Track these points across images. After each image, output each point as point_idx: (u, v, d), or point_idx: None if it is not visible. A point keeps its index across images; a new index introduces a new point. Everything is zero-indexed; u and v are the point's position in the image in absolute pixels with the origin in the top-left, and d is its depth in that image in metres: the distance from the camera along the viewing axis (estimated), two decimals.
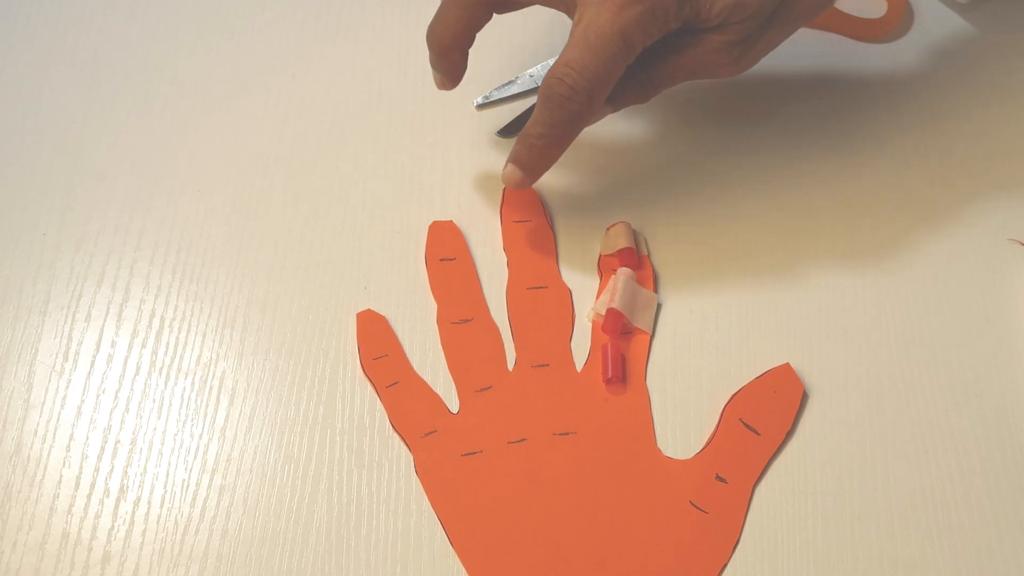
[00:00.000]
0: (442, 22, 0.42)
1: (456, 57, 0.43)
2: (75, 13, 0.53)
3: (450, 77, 0.43)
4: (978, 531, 0.38)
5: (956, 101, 0.49)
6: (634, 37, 0.38)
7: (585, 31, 0.38)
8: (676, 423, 0.41)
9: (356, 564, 0.38)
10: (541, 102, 0.39)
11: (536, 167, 0.41)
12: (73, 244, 0.46)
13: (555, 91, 0.39)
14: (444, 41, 0.42)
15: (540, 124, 0.40)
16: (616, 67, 0.39)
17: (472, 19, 0.41)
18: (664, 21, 0.38)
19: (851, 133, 0.48)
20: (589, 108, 0.39)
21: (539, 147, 0.40)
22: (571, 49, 0.38)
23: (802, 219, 0.46)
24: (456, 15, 0.41)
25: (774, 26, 0.40)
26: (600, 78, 0.38)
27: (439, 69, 0.43)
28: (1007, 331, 0.43)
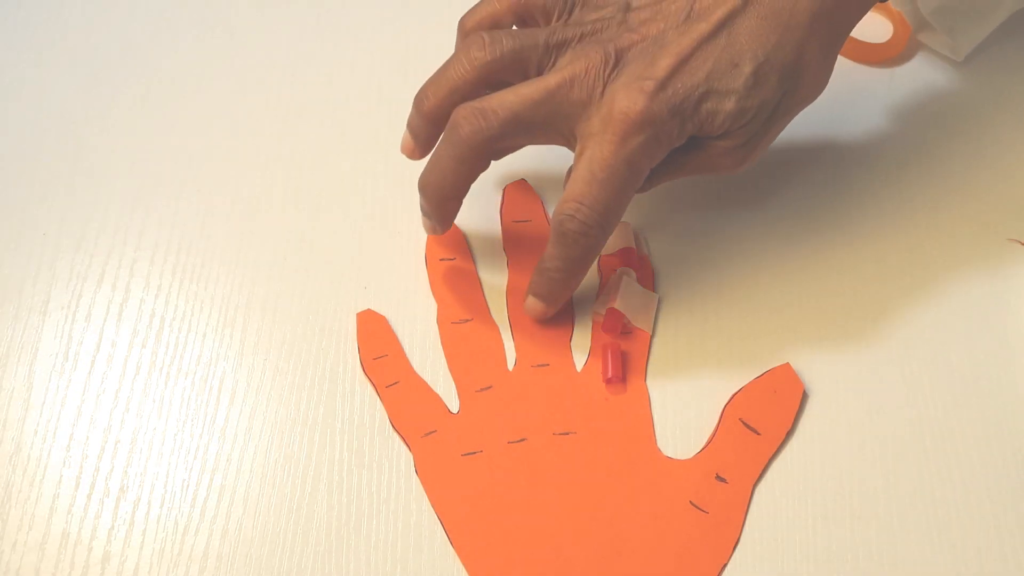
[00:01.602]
0: (437, 174, 0.40)
1: (453, 206, 0.41)
2: (75, 13, 0.53)
3: (443, 225, 0.42)
4: (978, 531, 0.38)
5: (955, 103, 0.49)
6: (640, 164, 0.38)
7: (590, 164, 0.38)
8: (676, 423, 0.41)
9: (356, 564, 0.38)
10: (554, 238, 0.39)
11: (557, 298, 0.42)
12: (73, 244, 0.46)
13: (567, 228, 0.39)
14: (442, 192, 0.40)
15: (556, 259, 0.40)
16: (625, 196, 0.39)
17: (470, 172, 0.40)
18: (668, 144, 0.38)
19: (851, 134, 0.48)
20: (603, 239, 0.39)
21: (558, 280, 0.41)
22: (578, 184, 0.38)
23: (802, 219, 0.46)
24: (454, 168, 0.40)
25: (775, 121, 0.40)
26: (611, 209, 0.38)
27: (433, 218, 0.42)
28: (1007, 331, 0.43)
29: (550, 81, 0.38)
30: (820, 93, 0.41)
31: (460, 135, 0.39)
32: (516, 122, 0.38)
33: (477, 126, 0.38)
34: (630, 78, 0.38)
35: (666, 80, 0.37)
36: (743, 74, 0.38)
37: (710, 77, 0.38)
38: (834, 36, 0.40)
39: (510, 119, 0.38)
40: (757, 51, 0.38)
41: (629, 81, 0.38)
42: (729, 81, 0.38)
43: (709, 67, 0.38)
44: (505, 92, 0.39)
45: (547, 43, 0.40)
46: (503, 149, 0.40)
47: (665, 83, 0.37)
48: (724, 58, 0.38)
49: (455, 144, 0.39)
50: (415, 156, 0.42)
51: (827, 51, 0.40)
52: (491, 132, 0.38)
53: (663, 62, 0.38)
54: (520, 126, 0.39)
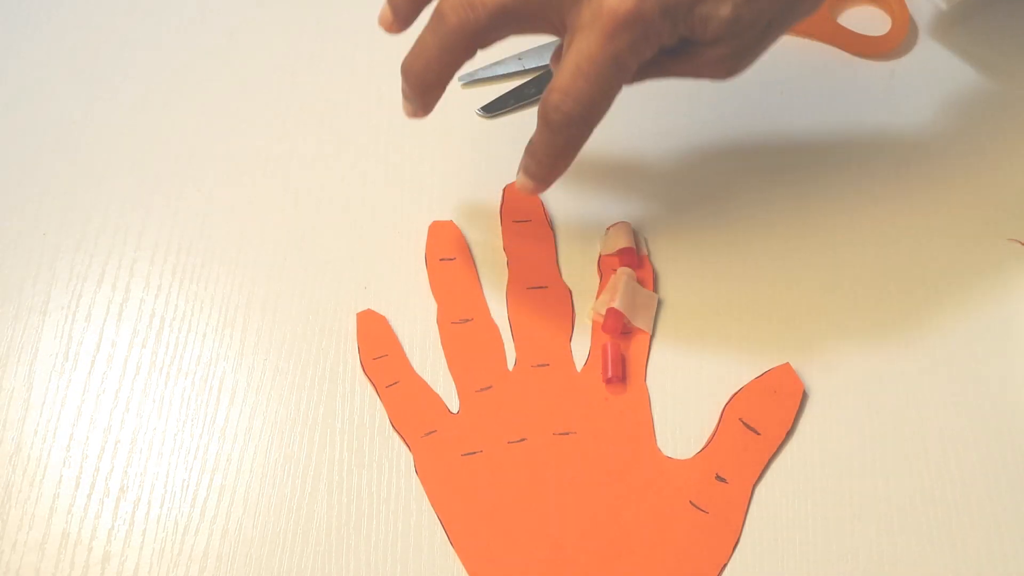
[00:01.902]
0: (422, 59, 0.39)
1: (436, 93, 0.41)
2: (75, 13, 0.53)
3: (425, 109, 0.41)
4: (978, 531, 0.38)
5: (955, 104, 0.49)
6: (627, 61, 0.37)
7: (577, 57, 0.37)
8: (676, 423, 0.41)
9: (356, 564, 0.38)
10: (541, 125, 0.39)
11: (546, 178, 0.41)
12: (73, 244, 0.46)
13: (552, 118, 0.38)
14: (426, 79, 0.40)
15: (543, 145, 0.40)
16: (611, 91, 0.38)
17: (455, 59, 0.39)
18: (657, 43, 0.38)
19: (851, 136, 0.48)
20: (587, 130, 0.39)
21: (547, 163, 0.40)
22: (564, 75, 0.37)
23: (802, 219, 0.46)
24: (438, 57, 0.39)
25: (769, 34, 0.40)
26: (595, 103, 0.38)
27: (414, 102, 0.41)
28: (1007, 331, 0.43)
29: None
30: (817, 10, 0.40)
31: (447, 25, 0.38)
32: (505, 12, 0.38)
33: (464, 17, 0.37)
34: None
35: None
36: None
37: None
38: None
39: (498, 10, 0.37)
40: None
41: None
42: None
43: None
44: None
45: None
46: (491, 39, 0.39)
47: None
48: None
49: (442, 34, 0.38)
50: (392, 30, 0.41)
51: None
52: (479, 24, 0.37)
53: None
54: (509, 16, 0.38)
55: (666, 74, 0.41)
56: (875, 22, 0.51)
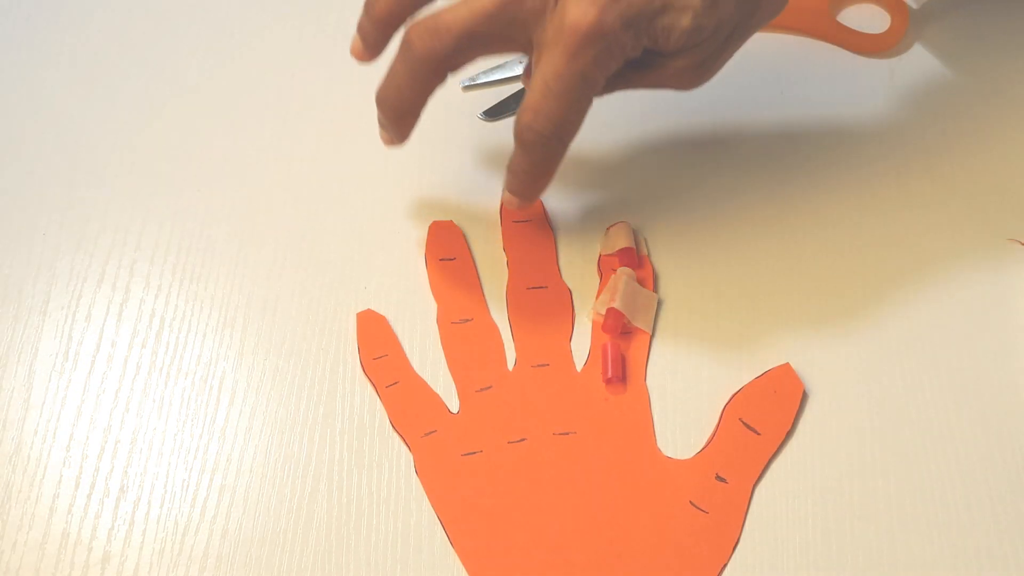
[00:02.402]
0: (394, 89, 0.40)
1: (411, 121, 0.41)
2: (75, 13, 0.53)
3: (400, 137, 0.42)
4: (978, 531, 0.38)
5: (956, 104, 0.49)
6: (594, 76, 0.38)
7: (544, 76, 0.38)
8: (676, 423, 0.41)
9: (356, 564, 0.38)
10: (517, 144, 0.40)
11: (529, 195, 0.42)
12: (73, 244, 0.46)
13: (526, 138, 0.39)
14: (399, 108, 0.40)
15: (521, 163, 0.40)
16: (581, 107, 0.39)
17: (426, 87, 0.40)
18: (621, 55, 0.38)
19: (851, 134, 0.48)
20: (562, 147, 0.39)
21: (527, 180, 0.41)
22: (534, 95, 0.38)
23: (802, 219, 0.46)
24: (410, 86, 0.40)
25: (732, 42, 0.40)
26: (566, 120, 0.38)
27: (390, 131, 0.42)
28: (1007, 331, 0.43)
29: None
30: (778, 13, 0.41)
31: (414, 54, 0.38)
32: (470, 37, 0.38)
33: (431, 45, 0.38)
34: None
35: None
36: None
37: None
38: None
39: (464, 35, 0.38)
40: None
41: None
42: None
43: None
44: (458, 5, 0.38)
45: None
46: (459, 64, 0.39)
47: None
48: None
49: (410, 63, 0.39)
50: (364, 59, 0.42)
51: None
52: (445, 51, 0.38)
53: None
54: (474, 40, 0.38)
55: (634, 86, 0.41)
56: (874, 20, 0.51)
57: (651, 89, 0.41)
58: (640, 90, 0.41)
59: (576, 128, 0.39)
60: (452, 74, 0.39)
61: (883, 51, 0.51)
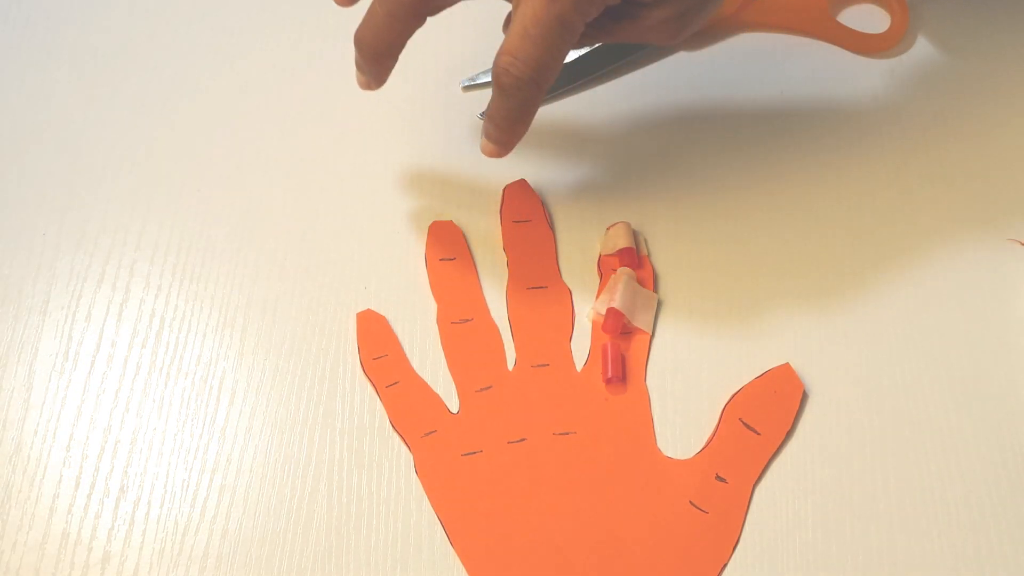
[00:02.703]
0: (372, 29, 0.40)
1: (388, 63, 0.41)
2: (75, 13, 0.53)
3: (378, 80, 0.42)
4: (978, 531, 0.38)
5: (956, 103, 0.49)
6: (572, 21, 0.37)
7: (523, 19, 0.37)
8: (676, 423, 0.41)
9: (356, 564, 0.38)
10: (495, 89, 0.39)
11: (506, 141, 0.41)
12: (73, 244, 0.46)
13: (503, 81, 0.38)
14: (376, 48, 0.40)
15: (499, 108, 0.40)
16: (559, 51, 0.38)
17: (404, 28, 0.40)
18: (602, 2, 0.38)
19: (851, 135, 0.48)
20: (539, 92, 0.39)
21: (504, 126, 0.40)
22: (512, 38, 0.38)
23: (802, 219, 0.46)
24: (388, 25, 0.39)
25: None
26: (544, 64, 0.38)
27: (367, 73, 0.42)
28: (1007, 331, 0.43)
29: None
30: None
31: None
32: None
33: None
34: None
35: None
36: None
37: None
38: None
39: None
40: None
41: None
42: None
43: None
44: None
45: None
46: (438, 6, 0.39)
47: None
48: None
49: (388, 2, 0.39)
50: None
51: None
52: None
53: None
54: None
55: (615, 38, 0.41)
56: (874, 20, 0.51)
57: (632, 41, 0.41)
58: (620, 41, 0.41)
59: (554, 73, 0.39)
60: (430, 16, 0.39)
61: (883, 51, 0.51)
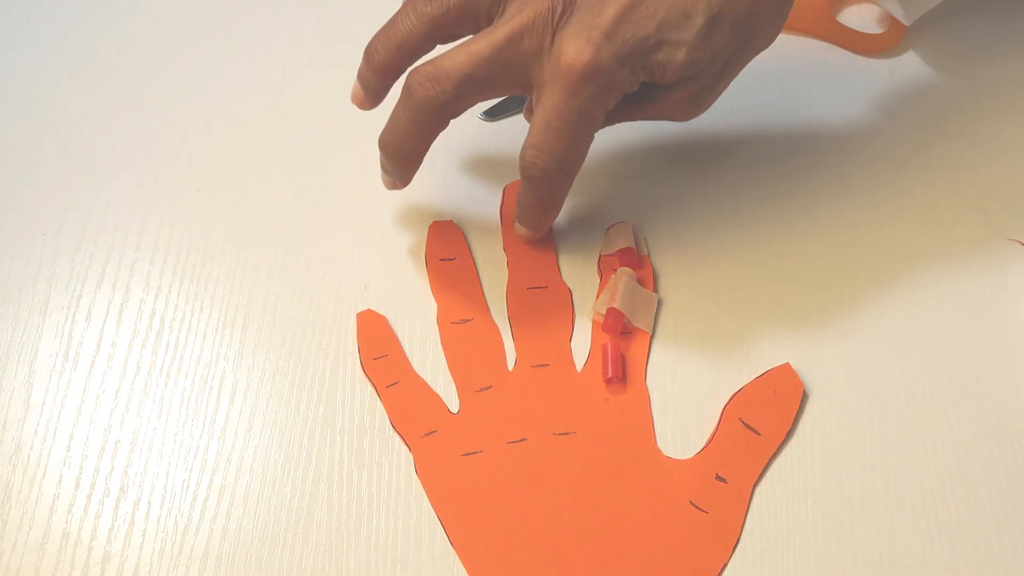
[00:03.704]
0: (397, 134, 0.40)
1: (414, 165, 0.42)
2: (75, 13, 0.53)
3: (404, 181, 0.43)
4: (978, 531, 0.38)
5: (956, 103, 0.49)
6: (593, 113, 0.38)
7: (545, 113, 0.38)
8: (676, 423, 0.41)
9: (356, 564, 0.38)
10: (523, 180, 0.41)
11: (539, 226, 0.43)
12: (73, 244, 0.46)
13: (530, 173, 0.40)
14: (402, 153, 0.41)
15: (528, 196, 0.41)
16: (583, 142, 0.40)
17: (429, 132, 0.40)
18: (619, 91, 0.39)
19: (851, 134, 0.48)
20: (567, 180, 0.41)
21: (535, 213, 0.42)
22: (536, 131, 0.39)
23: (802, 219, 0.46)
24: (414, 132, 0.40)
25: (727, 72, 0.41)
26: (569, 155, 0.39)
27: (393, 175, 0.42)
28: (1007, 331, 0.43)
29: (499, 35, 0.38)
30: (772, 42, 0.41)
31: (416, 100, 0.39)
32: (470, 83, 0.38)
33: (432, 92, 0.38)
34: (577, 27, 0.37)
35: (612, 29, 0.37)
36: (695, 25, 0.37)
37: (661, 27, 0.37)
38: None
39: (464, 81, 0.38)
40: (711, 1, 0.37)
41: (577, 31, 0.37)
42: (681, 32, 0.37)
43: (661, 16, 0.37)
44: (456, 51, 0.39)
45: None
46: (461, 109, 0.40)
47: (612, 32, 0.37)
48: (677, 7, 0.37)
49: (411, 109, 0.39)
50: (365, 107, 0.42)
51: (782, 2, 0.40)
52: (446, 97, 0.38)
53: (610, 10, 0.37)
54: (475, 85, 0.39)
55: (633, 118, 0.42)
56: (874, 20, 0.51)
57: (651, 120, 0.42)
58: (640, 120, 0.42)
59: (579, 162, 0.40)
60: (454, 118, 0.40)
61: (883, 51, 0.51)
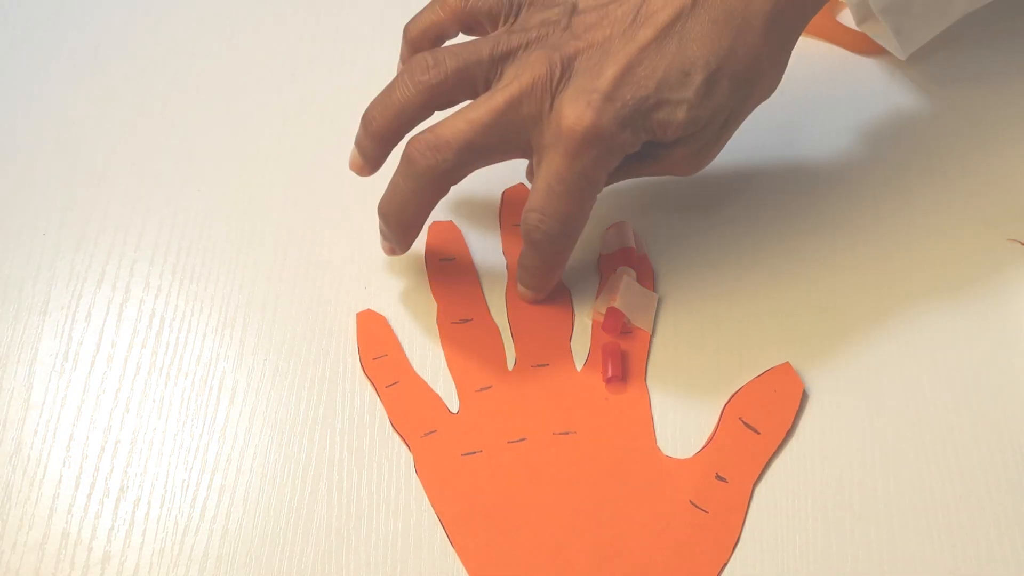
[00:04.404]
0: (396, 203, 0.40)
1: (414, 233, 0.41)
2: (75, 12, 0.53)
3: (403, 247, 0.42)
4: (978, 531, 0.38)
5: (956, 103, 0.49)
6: (595, 176, 0.38)
7: (547, 177, 0.38)
8: (676, 422, 0.41)
9: (356, 564, 0.38)
10: (525, 243, 0.40)
11: (542, 288, 0.43)
12: (73, 244, 0.46)
13: (533, 237, 0.40)
14: (402, 222, 0.41)
15: (531, 259, 0.41)
16: (585, 205, 0.39)
17: (429, 200, 0.40)
18: (621, 152, 0.38)
19: (851, 135, 0.48)
20: (570, 242, 0.40)
21: (538, 276, 0.42)
22: (538, 195, 0.39)
23: (801, 218, 0.46)
24: (414, 201, 0.40)
25: (729, 126, 0.40)
26: (572, 217, 0.39)
27: (392, 241, 0.42)
28: (1007, 331, 0.43)
29: (498, 101, 0.38)
30: (773, 92, 0.41)
31: (415, 169, 0.39)
32: (470, 150, 0.38)
33: (433, 160, 0.38)
34: (576, 91, 0.37)
35: (612, 92, 0.37)
36: (694, 83, 0.37)
37: (660, 87, 0.37)
38: (788, 35, 0.40)
39: (464, 148, 0.38)
40: (709, 58, 0.37)
41: (576, 95, 0.37)
42: (680, 90, 0.37)
43: (659, 76, 0.37)
44: (455, 119, 0.38)
45: (492, 56, 0.39)
46: (461, 176, 0.40)
47: (611, 95, 0.37)
48: (675, 66, 0.37)
49: (412, 177, 0.39)
50: (363, 174, 0.42)
51: (781, 52, 0.40)
52: (447, 165, 0.38)
53: (608, 72, 0.37)
54: (475, 152, 0.39)
55: (636, 175, 0.42)
56: None
57: (654, 176, 0.42)
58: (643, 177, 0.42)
59: (582, 224, 0.40)
60: (454, 185, 0.40)
61: (883, 51, 0.51)
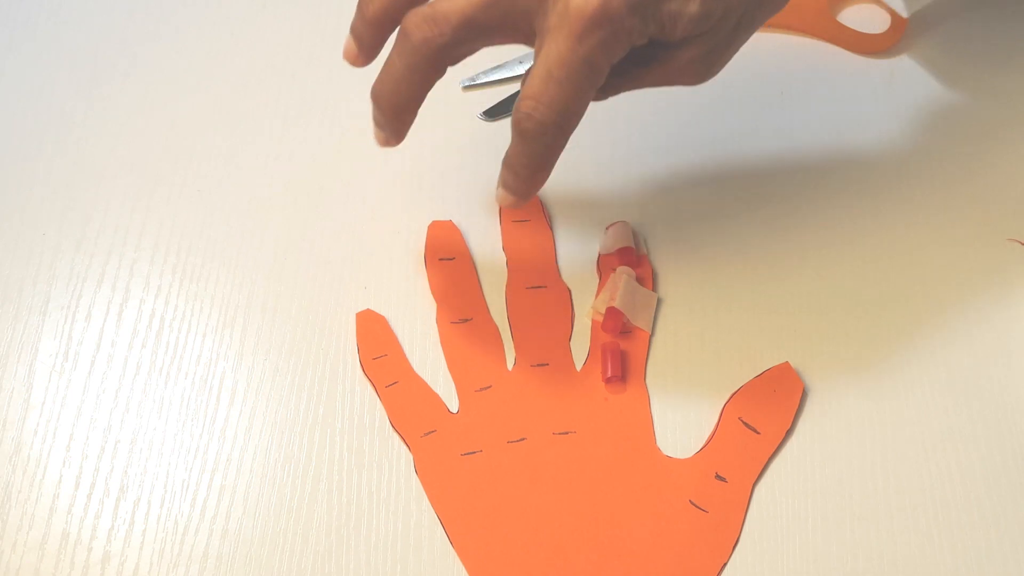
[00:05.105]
0: (390, 83, 0.38)
1: (408, 118, 0.39)
2: (75, 13, 0.53)
3: (397, 136, 0.40)
4: (978, 531, 0.38)
5: (955, 103, 0.49)
6: (599, 62, 0.36)
7: (547, 62, 0.36)
8: (676, 422, 0.41)
9: (356, 564, 0.38)
10: (515, 135, 0.38)
11: (526, 191, 0.40)
12: (73, 244, 0.46)
13: (525, 127, 0.37)
14: (395, 103, 0.39)
15: (519, 156, 0.38)
16: (585, 95, 0.37)
17: (424, 80, 0.38)
18: (627, 41, 0.37)
19: (851, 135, 0.48)
20: (563, 137, 0.38)
21: (525, 175, 0.39)
22: (535, 81, 0.36)
23: (801, 218, 0.46)
24: (408, 78, 0.37)
25: (739, 33, 0.39)
26: (569, 108, 0.37)
27: (386, 129, 0.40)
28: (1007, 331, 0.43)
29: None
30: (784, 5, 0.39)
31: (412, 44, 0.37)
32: (470, 26, 0.36)
33: (429, 34, 0.36)
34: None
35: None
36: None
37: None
38: None
39: (463, 24, 0.36)
40: None
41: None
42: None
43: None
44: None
45: None
46: (460, 55, 0.38)
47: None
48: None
49: (407, 53, 0.37)
50: (358, 63, 0.40)
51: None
52: (443, 40, 0.36)
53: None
54: (475, 30, 0.37)
55: (640, 84, 0.40)
56: (874, 20, 0.51)
57: (657, 87, 0.40)
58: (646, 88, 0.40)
59: (578, 118, 0.38)
60: (451, 65, 0.38)
61: (883, 51, 0.51)
